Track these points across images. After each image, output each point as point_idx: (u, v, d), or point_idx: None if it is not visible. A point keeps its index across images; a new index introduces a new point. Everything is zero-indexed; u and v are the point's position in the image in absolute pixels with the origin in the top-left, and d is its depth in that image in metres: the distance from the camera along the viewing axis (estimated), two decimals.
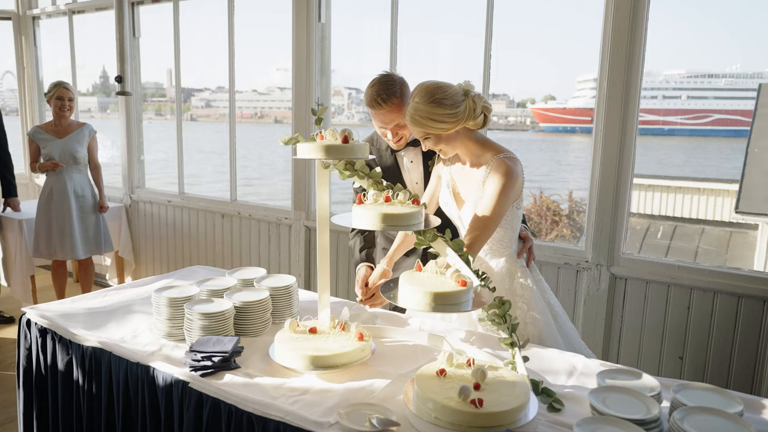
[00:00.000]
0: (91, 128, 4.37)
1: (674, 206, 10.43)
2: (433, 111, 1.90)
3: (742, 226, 9.12)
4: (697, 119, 58.93)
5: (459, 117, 1.92)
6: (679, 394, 1.48)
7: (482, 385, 1.53)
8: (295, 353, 1.77)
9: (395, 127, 2.24)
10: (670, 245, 9.09)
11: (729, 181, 10.09)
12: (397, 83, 2.21)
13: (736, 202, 7.43)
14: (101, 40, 6.43)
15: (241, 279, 2.33)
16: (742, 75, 59.93)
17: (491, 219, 1.93)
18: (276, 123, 68.67)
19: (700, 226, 9.55)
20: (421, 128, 1.94)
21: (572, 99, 63.50)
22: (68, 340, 2.08)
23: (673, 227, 9.60)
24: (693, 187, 10.35)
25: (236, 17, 4.22)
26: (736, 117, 56.88)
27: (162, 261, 4.98)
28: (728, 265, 8.62)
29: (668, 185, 10.35)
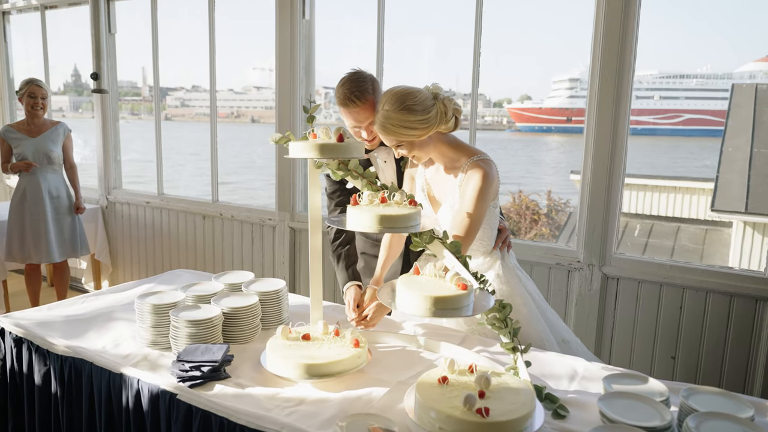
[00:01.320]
0: (65, 127, 4.22)
1: (651, 204, 10.55)
2: (404, 118, 1.84)
3: (717, 224, 9.27)
4: (669, 119, 60.04)
5: (431, 122, 1.88)
6: (689, 399, 1.44)
7: (487, 393, 1.47)
8: (289, 361, 1.69)
9: (369, 125, 2.14)
10: (647, 243, 9.20)
11: (704, 180, 10.25)
12: (368, 80, 2.12)
13: (711, 201, 7.53)
14: (73, 37, 6.24)
15: (228, 283, 2.24)
16: (712, 75, 61.22)
17: (473, 223, 1.91)
18: (253, 123, 68.02)
19: (676, 224, 9.68)
20: (393, 137, 1.88)
21: (548, 99, 64.15)
22: (45, 350, 1.98)
23: (650, 225, 9.72)
24: (669, 186, 10.48)
25: (216, 15, 4.11)
26: (706, 117, 58.09)
27: (141, 264, 4.83)
28: (704, 262, 8.75)
29: (645, 184, 10.47)
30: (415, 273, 1.79)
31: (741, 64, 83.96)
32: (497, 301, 1.72)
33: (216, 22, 4.13)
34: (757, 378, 2.62)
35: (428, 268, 1.78)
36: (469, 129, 3.25)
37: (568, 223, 10.84)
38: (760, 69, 53.67)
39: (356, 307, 2.18)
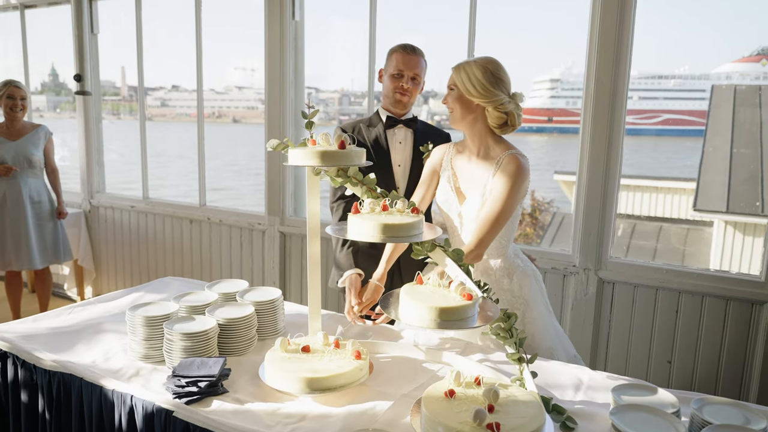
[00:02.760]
0: (47, 130, 4.10)
1: (633, 204, 10.65)
2: (477, 72, 1.93)
3: (698, 224, 9.38)
4: (648, 119, 60.86)
5: (488, 96, 1.93)
6: (700, 410, 1.42)
7: (495, 407, 1.43)
8: (289, 375, 1.64)
9: (413, 76, 2.37)
10: (630, 243, 9.28)
11: (686, 180, 10.37)
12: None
13: (693, 200, 7.61)
14: (51, 36, 6.10)
15: (221, 293, 2.17)
16: (690, 76, 62.20)
17: (501, 215, 1.92)
18: (234, 123, 67.47)
19: (658, 224, 9.78)
20: (456, 75, 1.96)
21: (529, 99, 64.47)
22: (32, 364, 1.89)
23: (633, 225, 9.82)
24: (651, 186, 10.59)
25: (202, 15, 4.03)
26: (685, 117, 58.98)
27: (125, 270, 4.72)
28: (686, 261, 8.85)
29: (627, 184, 10.57)
30: (418, 282, 1.75)
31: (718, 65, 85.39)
32: (502, 310, 1.68)
33: (200, 23, 4.04)
34: (753, 382, 2.63)
35: (431, 278, 1.74)
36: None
37: (553, 223, 10.90)
38: (736, 70, 54.63)
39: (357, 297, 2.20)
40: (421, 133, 2.44)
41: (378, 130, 2.43)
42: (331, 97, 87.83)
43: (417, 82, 2.39)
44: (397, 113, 2.43)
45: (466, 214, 2.06)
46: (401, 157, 2.43)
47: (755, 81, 45.17)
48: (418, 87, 2.41)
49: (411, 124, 2.43)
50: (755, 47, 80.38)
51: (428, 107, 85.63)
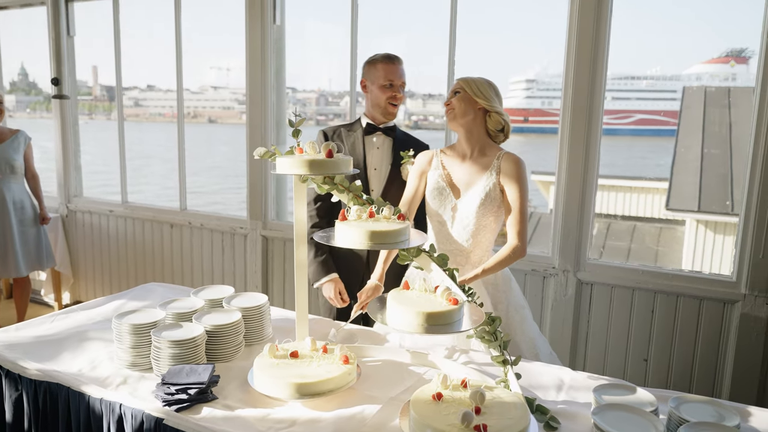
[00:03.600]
0: (25, 135, 4.04)
1: (608, 204, 10.85)
2: (484, 83, 2.18)
3: (670, 222, 9.59)
4: (621, 119, 61.90)
5: (492, 102, 2.16)
6: (677, 408, 1.48)
7: (482, 409, 1.48)
8: (278, 381, 1.66)
9: (401, 84, 2.50)
10: (605, 242, 9.45)
11: (659, 180, 10.58)
12: None
13: (666, 200, 7.79)
14: (20, 35, 5.98)
15: (208, 299, 2.18)
16: (661, 77, 63.44)
17: (525, 206, 2.12)
18: (210, 123, 66.77)
19: (632, 223, 9.97)
20: (465, 83, 2.17)
21: (505, 99, 65.18)
22: (17, 374, 1.88)
23: (608, 224, 9.99)
24: (625, 186, 10.79)
25: (179, 15, 4.00)
26: (657, 117, 60.13)
27: (104, 275, 4.67)
28: (659, 259, 9.05)
29: (602, 184, 10.76)
30: (405, 288, 1.79)
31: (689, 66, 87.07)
32: (487, 314, 1.73)
33: (176, 24, 4.02)
34: (726, 378, 2.72)
35: (418, 283, 1.78)
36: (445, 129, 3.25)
37: (530, 223, 11.04)
38: (706, 71, 55.82)
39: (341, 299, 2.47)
40: (400, 141, 2.52)
41: (357, 135, 2.52)
42: (308, 97, 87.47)
43: (404, 89, 2.52)
44: (382, 122, 2.52)
45: (462, 208, 2.17)
46: (377, 162, 2.52)
47: (724, 81, 46.18)
48: (402, 93, 2.53)
49: (390, 132, 2.52)
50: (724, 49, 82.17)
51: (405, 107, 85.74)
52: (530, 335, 2.20)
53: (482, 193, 2.13)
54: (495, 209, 2.14)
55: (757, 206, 2.57)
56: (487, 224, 2.15)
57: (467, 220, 2.15)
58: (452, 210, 2.19)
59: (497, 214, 2.16)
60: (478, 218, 2.14)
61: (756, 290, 2.60)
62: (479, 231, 2.16)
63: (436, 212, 2.23)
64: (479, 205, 2.13)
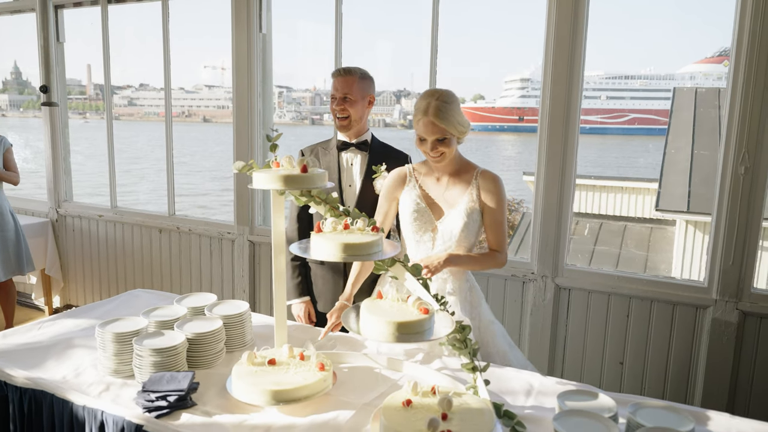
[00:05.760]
0: (6, 141, 4.04)
1: (599, 204, 10.94)
2: (456, 111, 2.08)
3: (661, 222, 9.68)
4: (615, 118, 62.19)
5: (466, 126, 2.12)
6: (635, 414, 1.55)
7: (449, 415, 1.54)
8: (255, 388, 1.71)
9: (343, 96, 2.46)
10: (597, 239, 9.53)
11: (649, 180, 10.68)
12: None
13: (656, 200, 7.88)
14: (14, 36, 6.01)
15: (190, 307, 2.24)
16: (655, 77, 63.78)
17: (504, 219, 2.17)
18: (205, 122, 66.67)
19: (623, 223, 10.06)
20: (446, 125, 2.06)
21: (500, 98, 65.49)
22: (3, 381, 1.93)
23: (599, 224, 10.08)
24: (616, 186, 10.89)
25: (170, 19, 4.06)
26: (650, 116, 60.43)
27: (94, 279, 4.72)
28: (650, 259, 9.15)
29: (593, 184, 10.85)
30: (378, 297, 1.85)
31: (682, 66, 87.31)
32: (457, 322, 1.79)
33: (169, 25, 4.07)
34: (698, 382, 2.80)
35: (390, 293, 1.84)
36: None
37: (522, 224, 11.11)
38: (699, 70, 55.97)
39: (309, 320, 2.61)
40: (376, 153, 2.53)
41: (332, 152, 2.57)
42: (303, 97, 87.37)
43: (349, 101, 2.44)
44: (348, 137, 2.54)
45: (443, 230, 2.17)
46: (351, 178, 2.56)
47: (717, 81, 46.43)
48: (355, 106, 2.46)
49: (363, 147, 2.53)
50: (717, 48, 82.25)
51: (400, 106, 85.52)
52: (502, 348, 2.23)
53: (465, 215, 2.13)
54: (476, 229, 2.17)
55: (727, 213, 2.65)
56: (468, 244, 2.18)
57: (450, 242, 2.15)
58: (432, 231, 2.18)
59: (478, 233, 2.19)
60: (460, 240, 2.15)
61: (726, 296, 2.68)
62: (459, 250, 2.17)
63: (413, 233, 2.21)
64: (462, 228, 2.13)
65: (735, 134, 2.59)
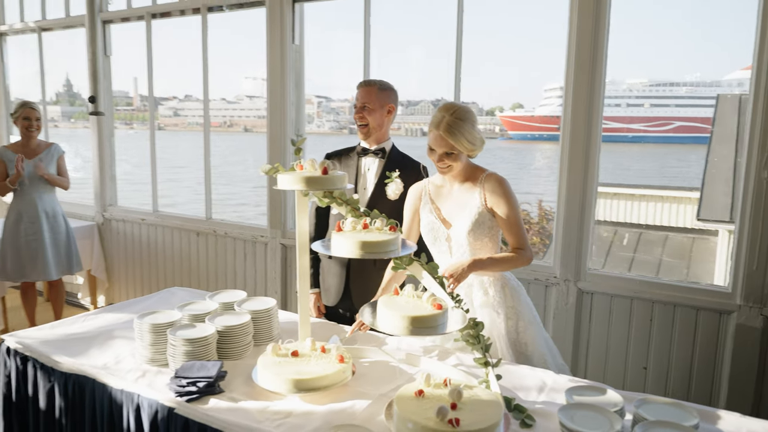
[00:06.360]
0: (59, 148, 4.33)
1: (639, 214, 10.73)
2: (467, 129, 2.13)
3: (703, 233, 9.45)
4: (659, 126, 60.65)
5: (478, 143, 2.17)
6: (640, 408, 1.59)
7: (458, 405, 1.61)
8: (278, 377, 1.83)
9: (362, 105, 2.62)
10: (636, 251, 9.37)
11: (690, 189, 10.43)
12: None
13: (697, 210, 7.71)
14: (66, 50, 6.37)
15: (221, 302, 2.37)
16: (701, 83, 61.97)
17: (519, 216, 2.21)
18: (245, 132, 68.17)
19: (663, 233, 9.86)
20: (454, 141, 2.12)
21: (540, 107, 64.80)
22: (50, 367, 2.10)
23: (638, 234, 9.90)
24: (656, 195, 10.67)
25: (210, 33, 4.27)
26: (696, 124, 58.72)
27: (136, 280, 4.95)
28: (692, 270, 8.94)
29: (633, 193, 10.67)
30: (395, 294, 1.94)
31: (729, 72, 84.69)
32: (471, 319, 1.87)
33: (209, 40, 4.28)
34: (723, 387, 2.78)
35: (407, 289, 1.93)
36: None
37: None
38: (747, 77, 54.12)
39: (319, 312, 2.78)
40: (392, 161, 2.67)
41: (353, 157, 2.73)
42: (341, 106, 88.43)
43: (367, 110, 2.61)
44: (368, 143, 2.69)
45: (455, 236, 2.25)
46: (367, 182, 2.71)
47: None
48: (373, 114, 2.62)
49: (380, 154, 2.68)
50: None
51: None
52: (540, 350, 2.25)
53: (470, 219, 2.20)
54: (486, 231, 2.22)
55: (750, 218, 2.64)
56: (482, 246, 2.23)
57: (463, 247, 2.23)
58: (447, 240, 2.27)
59: (491, 234, 2.24)
60: (471, 242, 2.22)
61: (750, 301, 2.66)
62: (476, 254, 2.22)
63: (431, 245, 2.33)
64: (469, 231, 2.20)
65: (758, 139, 2.59)
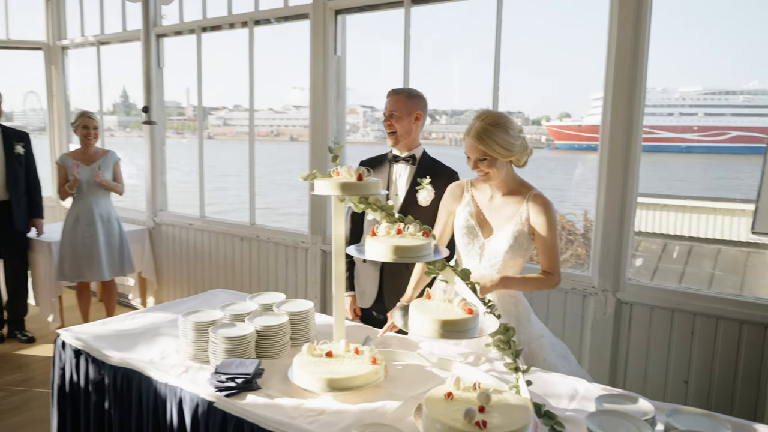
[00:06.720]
0: (115, 155, 4.57)
1: (689, 226, 10.41)
2: (499, 135, 2.11)
3: (759, 246, 9.10)
4: (714, 136, 58.55)
5: (516, 149, 2.15)
6: (671, 418, 1.58)
7: (487, 408, 1.63)
8: (313, 376, 1.89)
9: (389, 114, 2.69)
10: (686, 266, 9.10)
11: (745, 201, 10.06)
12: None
13: (752, 222, 7.44)
14: (122, 64, 6.71)
15: (261, 304, 2.46)
16: (759, 92, 59.54)
17: (556, 241, 2.20)
18: (292, 141, 69.47)
19: (716, 247, 9.53)
20: (484, 147, 2.13)
21: (587, 116, 63.56)
22: (101, 360, 2.23)
23: (689, 247, 9.60)
24: (708, 207, 10.33)
25: (257, 41, 4.43)
26: (753, 134, 56.41)
27: (183, 282, 5.14)
28: (746, 284, 8.60)
29: (683, 205, 10.36)
30: (427, 298, 1.98)
31: None
32: (502, 324, 1.89)
33: (258, 51, 4.44)
34: None
35: (438, 294, 1.97)
36: None
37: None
38: None
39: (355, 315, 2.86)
40: (423, 167, 2.72)
41: (385, 165, 2.80)
42: None
43: (395, 117, 2.68)
44: (399, 150, 2.75)
45: (490, 249, 2.26)
46: (398, 188, 2.78)
47: None
48: (400, 122, 2.68)
49: (411, 161, 2.74)
50: None
51: None
52: (551, 361, 2.26)
53: (511, 238, 2.21)
54: (523, 251, 2.23)
55: None
56: (514, 264, 2.25)
57: (495, 260, 2.24)
58: (480, 248, 2.28)
59: (525, 254, 2.25)
60: (506, 260, 2.23)
61: None
62: (506, 269, 2.25)
63: (463, 246, 2.34)
64: (507, 249, 2.21)
65: None
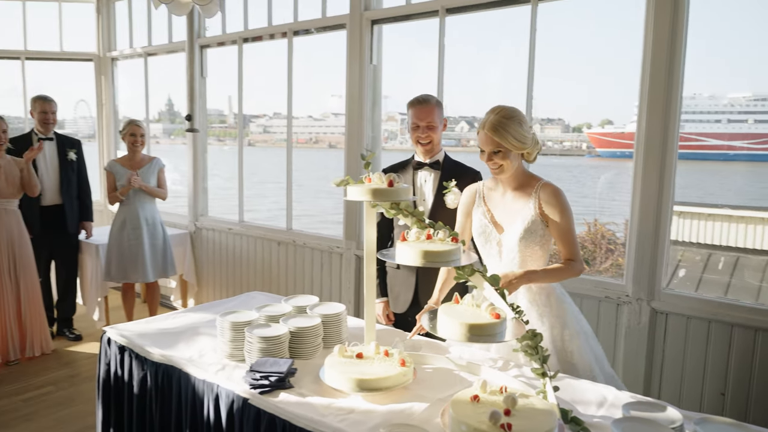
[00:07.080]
0: (160, 162, 4.76)
1: (737, 237, 10.11)
2: (513, 127, 2.18)
3: None
4: (765, 144, 56.47)
5: (528, 142, 2.22)
6: (699, 426, 1.58)
7: (512, 411, 1.66)
8: (343, 376, 1.95)
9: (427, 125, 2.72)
10: (731, 278, 8.83)
11: None
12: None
13: None
14: (167, 73, 6.97)
15: (295, 306, 2.54)
16: None
17: (573, 227, 2.24)
18: (330, 148, 70.33)
19: (765, 258, 9.24)
20: (499, 138, 2.18)
21: (630, 123, 62.18)
22: (144, 357, 2.34)
23: (735, 258, 9.32)
24: (757, 217, 10.02)
25: (296, 50, 4.55)
26: None
27: (222, 284, 5.29)
28: None
29: (730, 215, 10.07)
30: (455, 302, 2.02)
31: None
32: (529, 330, 1.91)
33: (298, 61, 4.57)
34: None
35: (467, 298, 2.01)
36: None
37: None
38: None
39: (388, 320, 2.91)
40: (447, 171, 2.76)
41: (410, 172, 2.84)
42: None
43: (431, 128, 2.73)
44: (423, 157, 2.80)
45: (506, 242, 2.31)
46: (425, 194, 2.82)
47: None
48: (436, 130, 2.76)
49: (435, 166, 2.79)
50: None
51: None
52: (586, 360, 2.26)
53: (522, 227, 2.24)
54: (538, 239, 2.26)
55: None
56: (532, 253, 2.27)
57: (513, 253, 2.28)
58: (498, 245, 2.32)
59: (542, 243, 2.27)
60: (522, 250, 2.26)
61: None
62: (526, 261, 2.27)
63: (481, 246, 2.38)
64: (521, 238, 2.24)
65: None
